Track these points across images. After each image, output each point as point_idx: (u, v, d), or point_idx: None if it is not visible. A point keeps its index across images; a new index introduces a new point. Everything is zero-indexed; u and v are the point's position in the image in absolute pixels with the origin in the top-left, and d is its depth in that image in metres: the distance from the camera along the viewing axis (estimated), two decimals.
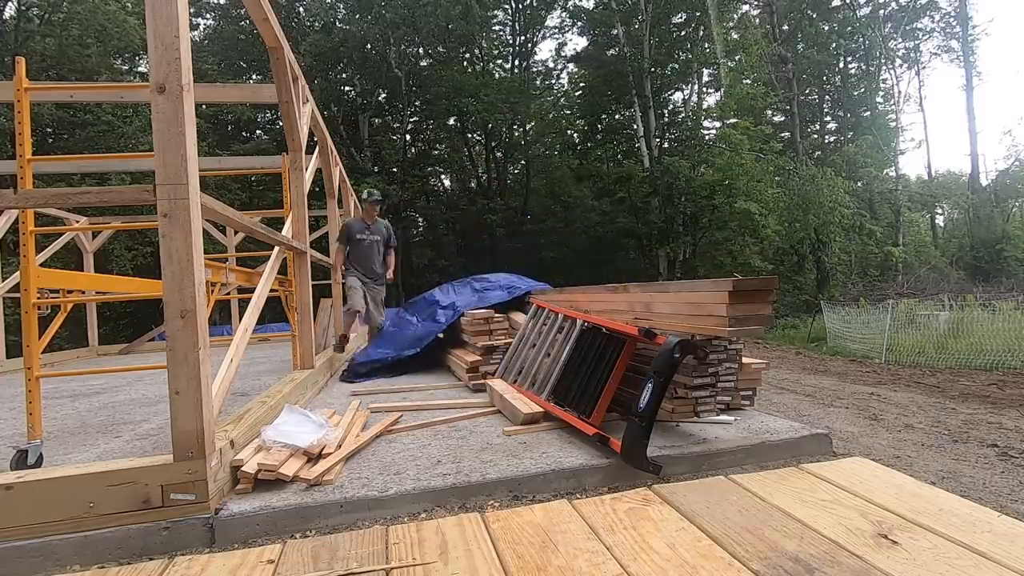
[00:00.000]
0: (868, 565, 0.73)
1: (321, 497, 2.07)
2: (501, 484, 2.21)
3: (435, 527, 0.89)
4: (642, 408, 2.19)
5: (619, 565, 0.75)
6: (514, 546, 0.81)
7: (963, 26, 22.02)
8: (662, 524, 0.86)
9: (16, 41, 13.76)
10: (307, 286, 4.25)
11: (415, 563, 0.78)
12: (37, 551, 1.79)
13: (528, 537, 0.84)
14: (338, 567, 0.79)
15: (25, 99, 2.88)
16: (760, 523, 0.85)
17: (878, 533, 0.81)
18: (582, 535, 0.84)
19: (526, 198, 20.11)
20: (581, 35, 22.09)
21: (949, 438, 2.98)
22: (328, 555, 0.83)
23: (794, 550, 0.77)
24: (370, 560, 0.80)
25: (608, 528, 0.86)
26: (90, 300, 7.33)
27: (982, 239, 19.79)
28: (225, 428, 2.39)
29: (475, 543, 0.83)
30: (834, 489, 0.97)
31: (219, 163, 8.77)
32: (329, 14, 18.27)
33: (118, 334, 13.23)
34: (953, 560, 0.73)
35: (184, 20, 2.00)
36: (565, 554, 0.78)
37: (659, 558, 0.76)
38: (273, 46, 3.57)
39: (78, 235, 8.92)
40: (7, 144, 11.60)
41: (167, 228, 1.91)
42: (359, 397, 3.85)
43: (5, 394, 4.96)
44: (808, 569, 0.72)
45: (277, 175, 6.32)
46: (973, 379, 4.77)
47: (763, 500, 0.94)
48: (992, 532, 0.80)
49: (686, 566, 0.74)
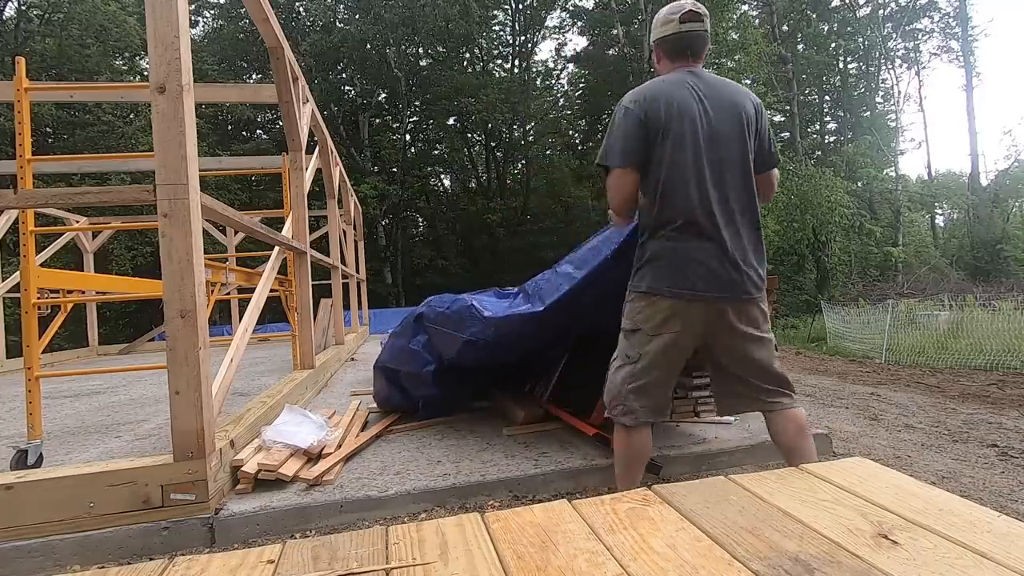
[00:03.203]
0: (868, 565, 0.72)
1: (321, 497, 2.07)
2: (501, 484, 2.21)
3: (435, 527, 0.89)
4: None
5: (619, 565, 0.75)
6: (514, 546, 0.81)
7: (963, 26, 22.03)
8: (662, 524, 0.86)
9: (16, 41, 13.77)
10: (307, 286, 4.25)
11: (415, 563, 0.78)
12: (37, 551, 1.79)
13: (528, 537, 0.84)
14: (338, 567, 0.79)
15: (25, 99, 2.88)
16: (760, 523, 0.85)
17: (878, 533, 0.81)
18: (582, 535, 0.84)
19: (526, 198, 20.12)
20: (581, 35, 22.13)
21: (949, 438, 2.98)
22: (328, 555, 0.83)
23: (794, 550, 0.77)
24: (370, 560, 0.80)
25: (608, 528, 0.86)
26: (90, 300, 7.33)
27: (982, 239, 19.78)
28: (225, 428, 2.39)
29: (475, 543, 0.83)
30: (834, 489, 0.96)
31: (219, 163, 8.75)
32: (329, 14, 18.27)
33: (118, 334, 13.23)
34: (953, 560, 0.73)
35: (184, 20, 2.00)
36: (565, 554, 0.78)
37: (659, 558, 0.76)
38: (273, 46, 3.57)
39: (78, 235, 8.92)
40: (7, 144, 11.60)
41: (167, 228, 1.91)
42: (359, 397, 3.85)
43: (5, 394, 4.96)
44: (808, 569, 0.72)
45: (277, 175, 6.33)
46: (973, 379, 4.78)
47: (763, 500, 0.94)
48: (992, 532, 0.79)
49: (686, 566, 0.74)
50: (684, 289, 1.74)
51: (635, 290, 1.86)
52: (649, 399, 1.83)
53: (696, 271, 1.74)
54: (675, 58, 1.93)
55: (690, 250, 1.75)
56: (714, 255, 1.74)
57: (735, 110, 1.83)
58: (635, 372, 1.82)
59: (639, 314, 1.83)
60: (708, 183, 1.76)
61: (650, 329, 1.79)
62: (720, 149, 1.79)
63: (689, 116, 1.77)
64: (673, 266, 1.76)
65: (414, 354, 2.91)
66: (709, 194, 1.76)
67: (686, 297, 1.74)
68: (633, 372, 1.82)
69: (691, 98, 1.80)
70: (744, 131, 1.82)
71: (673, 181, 1.76)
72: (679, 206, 1.75)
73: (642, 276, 1.84)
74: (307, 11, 18.61)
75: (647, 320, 1.80)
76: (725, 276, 1.75)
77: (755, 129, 1.85)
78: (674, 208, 1.76)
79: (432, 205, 21.21)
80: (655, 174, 1.79)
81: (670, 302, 1.76)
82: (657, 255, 1.80)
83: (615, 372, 1.89)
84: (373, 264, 16.42)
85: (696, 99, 1.80)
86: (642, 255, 1.85)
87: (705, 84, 1.85)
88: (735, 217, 1.78)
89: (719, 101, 1.82)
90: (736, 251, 1.76)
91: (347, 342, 6.67)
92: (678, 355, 1.83)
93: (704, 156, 1.77)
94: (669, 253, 1.77)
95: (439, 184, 22.86)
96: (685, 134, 1.76)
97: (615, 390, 1.87)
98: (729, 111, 1.82)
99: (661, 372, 1.82)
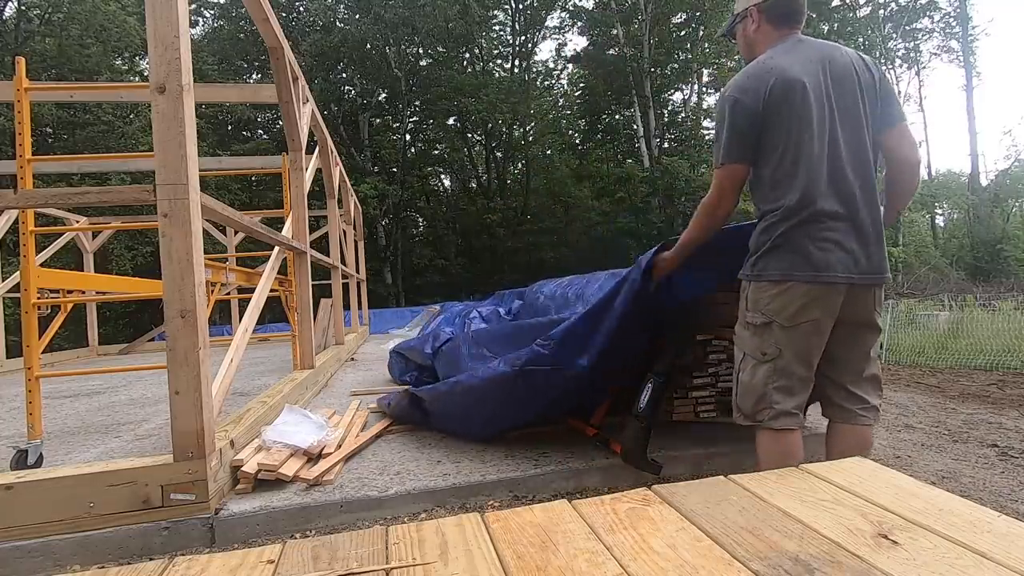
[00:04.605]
0: (868, 565, 0.73)
1: (321, 497, 2.07)
2: (501, 484, 2.21)
3: (435, 527, 0.89)
4: (642, 408, 2.19)
5: (619, 565, 0.75)
6: (514, 546, 0.81)
7: (963, 26, 22.05)
8: (662, 524, 0.86)
9: (16, 41, 13.76)
10: (307, 286, 4.25)
11: (415, 563, 0.78)
12: (37, 551, 1.79)
13: (528, 537, 0.84)
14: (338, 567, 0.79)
15: (25, 99, 2.88)
16: (760, 523, 0.85)
17: (878, 533, 0.81)
18: (582, 535, 0.84)
19: (526, 198, 20.11)
20: (581, 35, 22.10)
21: (949, 438, 2.98)
22: (328, 555, 0.83)
23: (794, 550, 0.77)
24: (370, 560, 0.80)
25: (608, 528, 0.86)
26: (90, 300, 7.33)
27: (982, 239, 19.79)
28: (225, 428, 2.39)
29: (475, 543, 0.83)
30: (834, 489, 0.96)
31: (219, 163, 8.75)
32: (329, 14, 18.27)
33: (118, 334, 13.23)
34: (953, 560, 0.73)
35: (184, 20, 2.00)
36: (565, 554, 0.78)
37: (659, 558, 0.76)
38: (273, 46, 3.57)
39: (78, 235, 8.92)
40: (7, 144, 11.60)
41: (167, 228, 1.91)
42: (359, 397, 3.85)
43: (5, 394, 4.96)
44: (808, 569, 0.72)
45: (277, 175, 6.33)
46: (973, 379, 4.78)
47: (763, 500, 0.94)
48: (992, 532, 0.79)
49: (686, 566, 0.74)
50: (821, 271, 1.59)
51: (761, 278, 1.69)
52: (798, 397, 1.67)
53: (834, 253, 1.60)
54: (781, 24, 1.75)
55: (824, 230, 1.61)
56: (851, 234, 1.62)
57: (852, 77, 1.69)
58: (778, 369, 1.66)
59: (769, 304, 1.66)
60: (842, 159, 1.63)
61: (785, 320, 1.63)
62: (848, 121, 1.66)
63: (815, 91, 1.63)
64: (807, 248, 1.61)
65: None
66: (844, 171, 1.63)
67: (823, 280, 1.59)
68: (776, 369, 1.66)
69: (812, 71, 1.65)
70: (863, 98, 1.69)
71: (803, 159, 1.63)
72: (810, 185, 1.62)
73: (767, 262, 1.67)
74: (307, 11, 18.61)
75: (780, 310, 1.64)
76: (864, 257, 1.63)
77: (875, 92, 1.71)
78: (805, 187, 1.62)
79: (432, 205, 21.21)
80: (781, 154, 1.65)
81: (807, 287, 1.60)
82: (787, 238, 1.64)
83: (750, 373, 1.72)
84: (373, 264, 16.42)
85: (817, 71, 1.66)
86: (765, 240, 1.68)
87: (819, 53, 1.70)
88: (867, 192, 1.66)
89: (839, 69, 1.68)
90: (871, 228, 1.65)
91: (347, 342, 6.67)
92: (819, 346, 1.67)
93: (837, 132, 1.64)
94: (801, 235, 1.62)
95: (439, 184, 22.86)
96: (811, 110, 1.62)
97: (757, 392, 1.69)
98: (849, 79, 1.68)
99: (804, 366, 1.67)
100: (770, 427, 1.67)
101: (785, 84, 1.63)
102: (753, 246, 1.74)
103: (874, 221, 1.67)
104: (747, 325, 1.73)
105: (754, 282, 1.72)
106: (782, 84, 1.63)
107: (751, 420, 1.73)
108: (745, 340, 1.75)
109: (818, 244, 1.61)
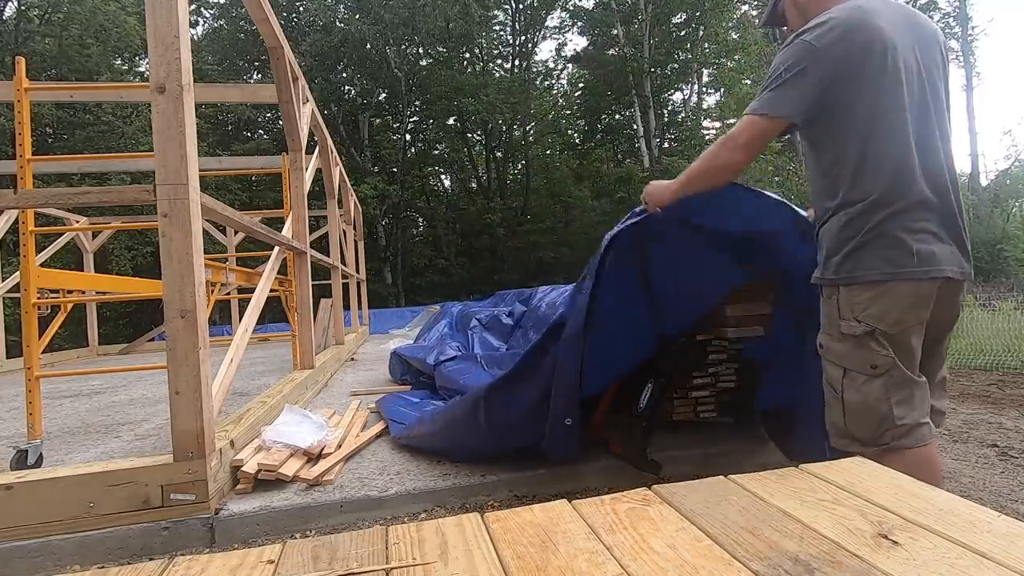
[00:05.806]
0: (868, 565, 0.73)
1: (321, 497, 2.07)
2: (501, 484, 2.21)
3: (435, 527, 0.89)
4: (642, 408, 2.19)
5: (619, 565, 0.75)
6: (514, 546, 0.81)
7: (963, 26, 22.05)
8: (662, 524, 0.86)
9: (16, 41, 13.76)
10: (307, 286, 4.25)
11: (415, 563, 0.78)
12: (37, 551, 1.79)
13: (528, 537, 0.84)
14: (338, 567, 0.79)
15: (25, 99, 2.88)
16: (760, 523, 0.85)
17: (878, 533, 0.81)
18: (582, 535, 0.84)
19: (526, 198, 20.11)
20: (581, 35, 22.11)
21: (949, 438, 2.98)
22: (328, 555, 0.83)
23: (794, 550, 0.77)
24: (370, 560, 0.80)
25: (608, 528, 0.86)
26: (90, 300, 7.34)
27: (982, 239, 19.78)
28: (225, 428, 2.39)
29: (475, 543, 0.83)
30: (834, 489, 0.96)
31: (219, 163, 8.76)
32: (329, 14, 18.27)
33: (118, 334, 13.22)
34: (953, 560, 0.73)
35: (184, 20, 2.00)
36: (565, 554, 0.78)
37: (659, 558, 0.76)
38: (273, 46, 3.57)
39: (78, 235, 8.93)
40: (7, 144, 11.60)
41: (167, 228, 1.91)
42: (359, 397, 3.85)
43: (5, 394, 4.96)
44: (808, 569, 0.72)
45: (277, 175, 6.33)
46: (973, 379, 4.77)
47: (763, 500, 0.94)
48: (992, 532, 0.79)
49: (686, 566, 0.74)
50: (928, 267, 1.40)
51: (854, 280, 1.45)
52: (923, 404, 1.46)
53: (935, 245, 1.42)
54: None
55: (921, 220, 1.42)
56: (945, 225, 1.45)
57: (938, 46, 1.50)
58: (896, 381, 1.43)
59: (867, 309, 1.43)
60: (935, 137, 1.45)
61: (890, 325, 1.41)
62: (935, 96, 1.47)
63: (906, 59, 1.42)
64: (907, 242, 1.40)
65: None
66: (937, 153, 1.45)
67: (932, 276, 1.41)
68: (892, 382, 1.43)
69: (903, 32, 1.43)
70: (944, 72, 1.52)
71: (895, 138, 1.42)
72: (905, 168, 1.42)
73: (859, 260, 1.44)
74: (307, 11, 18.61)
75: (883, 315, 1.41)
76: (957, 250, 1.46)
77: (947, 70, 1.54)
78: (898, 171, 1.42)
79: (432, 205, 21.20)
80: (870, 131, 1.43)
81: (914, 286, 1.40)
82: (881, 231, 1.41)
83: (858, 391, 1.46)
84: (373, 264, 16.42)
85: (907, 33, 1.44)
86: (852, 235, 1.45)
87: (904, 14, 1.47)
88: (955, 177, 1.50)
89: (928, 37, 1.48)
90: (961, 218, 1.48)
91: (347, 342, 6.67)
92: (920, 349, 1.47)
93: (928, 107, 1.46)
94: (897, 227, 1.41)
95: (439, 184, 22.86)
96: (902, 81, 1.41)
97: (876, 413, 1.43)
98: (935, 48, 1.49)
99: (915, 373, 1.46)
100: (902, 446, 1.42)
101: (881, 44, 1.41)
102: (834, 243, 1.49)
103: (961, 210, 1.49)
104: (843, 337, 1.48)
105: (844, 286, 1.47)
106: (880, 45, 1.41)
107: (873, 445, 1.44)
108: (843, 354, 1.49)
109: (916, 236, 1.41)
